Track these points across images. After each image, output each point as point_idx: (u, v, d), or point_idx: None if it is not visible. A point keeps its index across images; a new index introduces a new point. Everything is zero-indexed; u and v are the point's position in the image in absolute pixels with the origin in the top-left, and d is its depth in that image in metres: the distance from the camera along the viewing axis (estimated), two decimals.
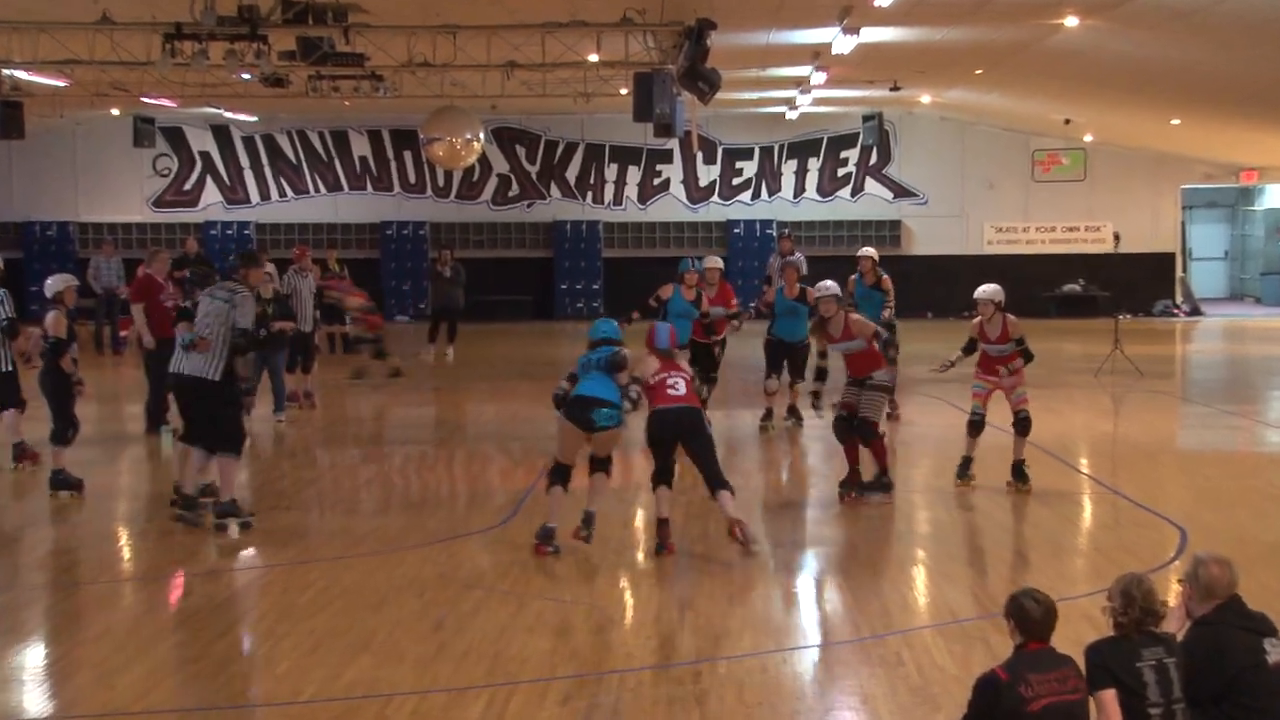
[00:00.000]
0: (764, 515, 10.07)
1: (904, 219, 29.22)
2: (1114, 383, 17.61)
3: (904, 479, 11.17)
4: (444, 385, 18.74)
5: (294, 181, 29.61)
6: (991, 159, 29.11)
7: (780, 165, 29.43)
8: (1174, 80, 19.07)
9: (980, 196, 29.14)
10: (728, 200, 29.48)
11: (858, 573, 8.24)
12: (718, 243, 29.15)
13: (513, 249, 29.44)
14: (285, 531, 9.47)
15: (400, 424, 14.68)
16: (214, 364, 9.29)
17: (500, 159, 29.37)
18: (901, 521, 9.77)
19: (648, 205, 29.55)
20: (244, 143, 29.54)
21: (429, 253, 28.40)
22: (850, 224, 29.15)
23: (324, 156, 29.60)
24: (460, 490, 11.20)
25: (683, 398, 8.92)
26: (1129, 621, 4.76)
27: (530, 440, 13.25)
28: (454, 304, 21.39)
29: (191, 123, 29.06)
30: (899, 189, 29.29)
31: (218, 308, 9.36)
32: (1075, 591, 7.52)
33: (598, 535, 8.97)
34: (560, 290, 29.17)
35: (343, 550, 8.85)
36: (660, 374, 9.07)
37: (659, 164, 29.45)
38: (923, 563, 8.57)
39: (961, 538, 9.20)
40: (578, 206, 29.54)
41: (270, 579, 8.25)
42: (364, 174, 29.62)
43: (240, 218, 29.43)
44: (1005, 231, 29.23)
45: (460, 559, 8.61)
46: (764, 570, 8.29)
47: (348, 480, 11.45)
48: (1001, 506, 10.11)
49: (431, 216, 29.41)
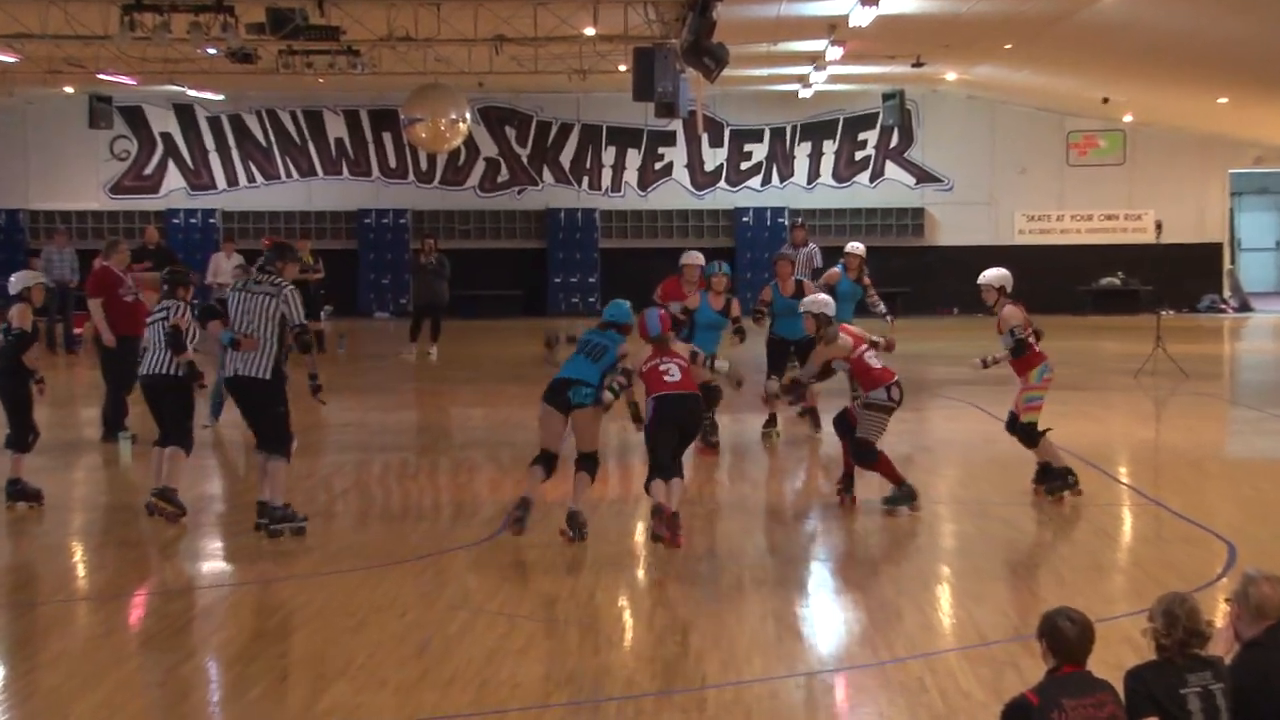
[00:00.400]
0: (774, 527, 10.08)
1: (927, 207, 29.24)
2: (1156, 385, 17.62)
3: (927, 488, 11.19)
4: (427, 387, 18.75)
5: (263, 166, 29.64)
6: (1022, 141, 29.13)
7: (793, 148, 29.46)
8: (1222, 55, 19.08)
9: (1010, 182, 29.17)
10: (735, 186, 29.50)
11: (877, 590, 8.25)
12: (724, 233, 29.19)
13: (502, 239, 29.46)
14: (254, 547, 9.48)
15: (380, 430, 14.70)
16: (263, 362, 9.56)
17: (488, 141, 29.39)
18: (925, 535, 9.78)
19: (648, 192, 29.57)
20: (209, 124, 29.56)
21: (410, 243, 28.43)
22: (869, 212, 29.17)
23: (296, 139, 29.62)
24: (445, 502, 11.21)
25: (679, 384, 9.32)
26: (1172, 644, 4.77)
27: (521, 448, 13.25)
28: (438, 299, 21.40)
29: (152, 102, 29.08)
30: (922, 174, 29.32)
31: (260, 303, 9.60)
32: (1114, 611, 7.54)
33: (594, 552, 8.98)
34: (553, 284, 29.19)
35: (317, 567, 8.86)
36: (652, 360, 9.44)
37: (661, 147, 29.47)
38: (948, 580, 8.58)
39: (990, 552, 9.21)
40: (572, 193, 29.56)
41: (238, 598, 8.26)
42: (340, 158, 29.65)
43: (205, 205, 29.45)
44: (1037, 220, 29.25)
45: (445, 576, 8.63)
46: (774, 588, 8.30)
47: (322, 491, 11.46)
48: (1034, 519, 10.13)
49: (413, 204, 29.43)
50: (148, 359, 10.34)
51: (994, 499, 10.84)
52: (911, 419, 13.93)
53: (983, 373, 11.27)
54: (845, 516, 10.25)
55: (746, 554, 9.16)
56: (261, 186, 29.62)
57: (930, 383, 17.26)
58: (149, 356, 10.34)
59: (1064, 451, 11.01)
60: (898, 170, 29.34)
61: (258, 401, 9.63)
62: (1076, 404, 16.07)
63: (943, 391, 16.72)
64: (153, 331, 10.39)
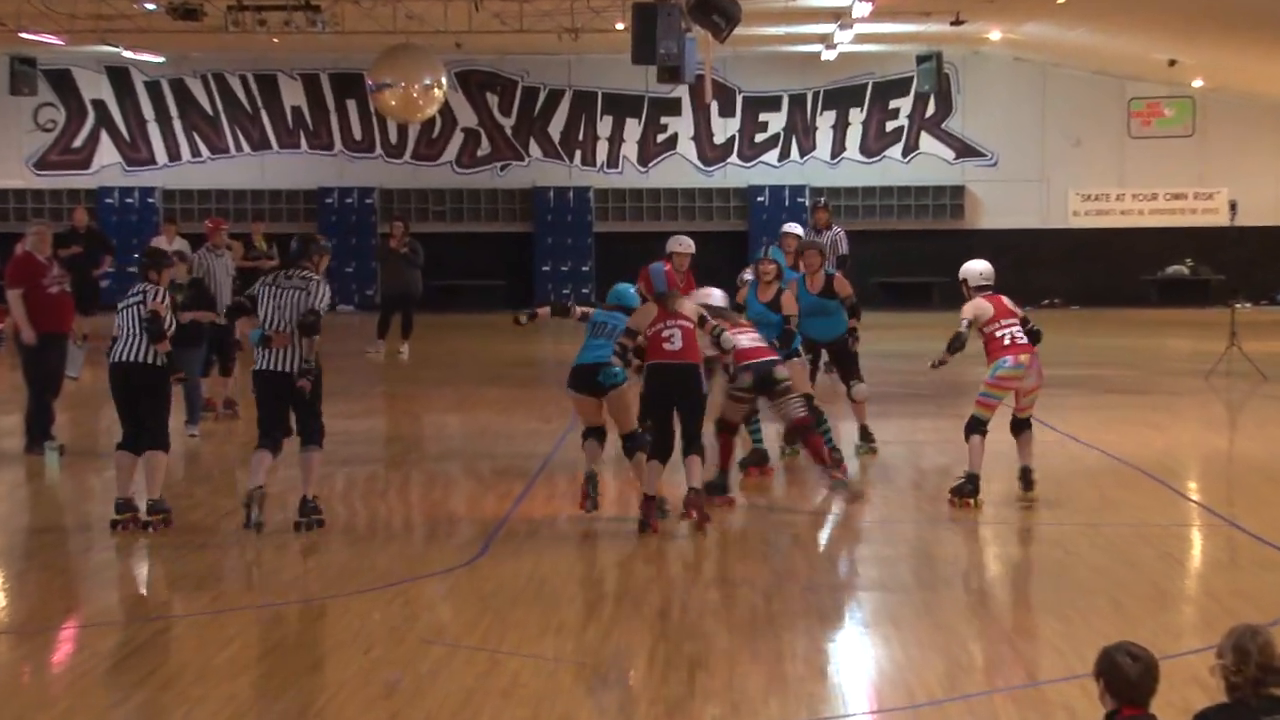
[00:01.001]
0: (793, 550, 10.09)
1: (968, 184, 29.26)
2: (1229, 387, 17.63)
3: (967, 506, 11.19)
4: (397, 391, 18.75)
5: (210, 138, 29.66)
6: (1077, 110, 29.15)
7: (815, 118, 29.48)
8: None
9: (1063, 157, 29.20)
10: (749, 162, 29.52)
11: (911, 622, 8.25)
12: (736, 214, 29.23)
13: (482, 222, 29.48)
14: (199, 573, 9.49)
15: (343, 439, 14.69)
16: (297, 357, 10.31)
17: (467, 110, 29.41)
18: (965, 560, 9.79)
19: (650, 168, 29.59)
20: (148, 89, 29.58)
21: (378, 227, 28.44)
22: (902, 190, 29.20)
23: (247, 107, 29.64)
24: (417, 521, 11.22)
25: (679, 353, 10.11)
26: (1245, 682, 4.77)
27: (504, 459, 13.27)
28: (409, 290, 21.42)
29: (82, 64, 29.09)
30: (963, 147, 29.34)
31: (291, 298, 10.32)
32: (1181, 646, 7.55)
33: (588, 577, 8.99)
34: (541, 273, 29.22)
35: (271, 596, 8.86)
36: (656, 325, 10.18)
37: (664, 117, 29.49)
38: (991, 611, 8.58)
39: (1039, 580, 9.22)
40: (563, 169, 29.58)
41: (181, 632, 8.26)
42: (297, 129, 29.67)
43: (143, 182, 29.47)
44: (1094, 200, 29.28)
45: (417, 607, 8.63)
46: (794, 619, 8.31)
47: (277, 509, 11.46)
48: (1091, 541, 10.14)
49: (381, 182, 29.45)
50: (118, 346, 10.56)
51: (1044, 519, 10.85)
52: (950, 428, 13.93)
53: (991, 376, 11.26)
54: (874, 540, 10.26)
55: (763, 581, 9.16)
56: (207, 161, 29.64)
57: (971, 386, 17.24)
58: (120, 343, 10.55)
59: (1125, 465, 11.00)
60: (934, 143, 29.37)
61: (299, 395, 10.35)
62: (1139, 410, 16.08)
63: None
64: (125, 317, 10.60)
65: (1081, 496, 11.29)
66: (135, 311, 10.55)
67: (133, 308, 10.55)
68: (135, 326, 10.53)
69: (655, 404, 10.34)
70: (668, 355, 10.17)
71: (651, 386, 10.31)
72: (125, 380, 10.56)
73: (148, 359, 10.48)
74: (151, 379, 10.51)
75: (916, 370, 19.31)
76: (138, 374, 10.51)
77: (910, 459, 13.50)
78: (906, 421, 15.37)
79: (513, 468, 12.61)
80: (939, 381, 17.94)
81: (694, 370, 10.21)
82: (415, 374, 19.94)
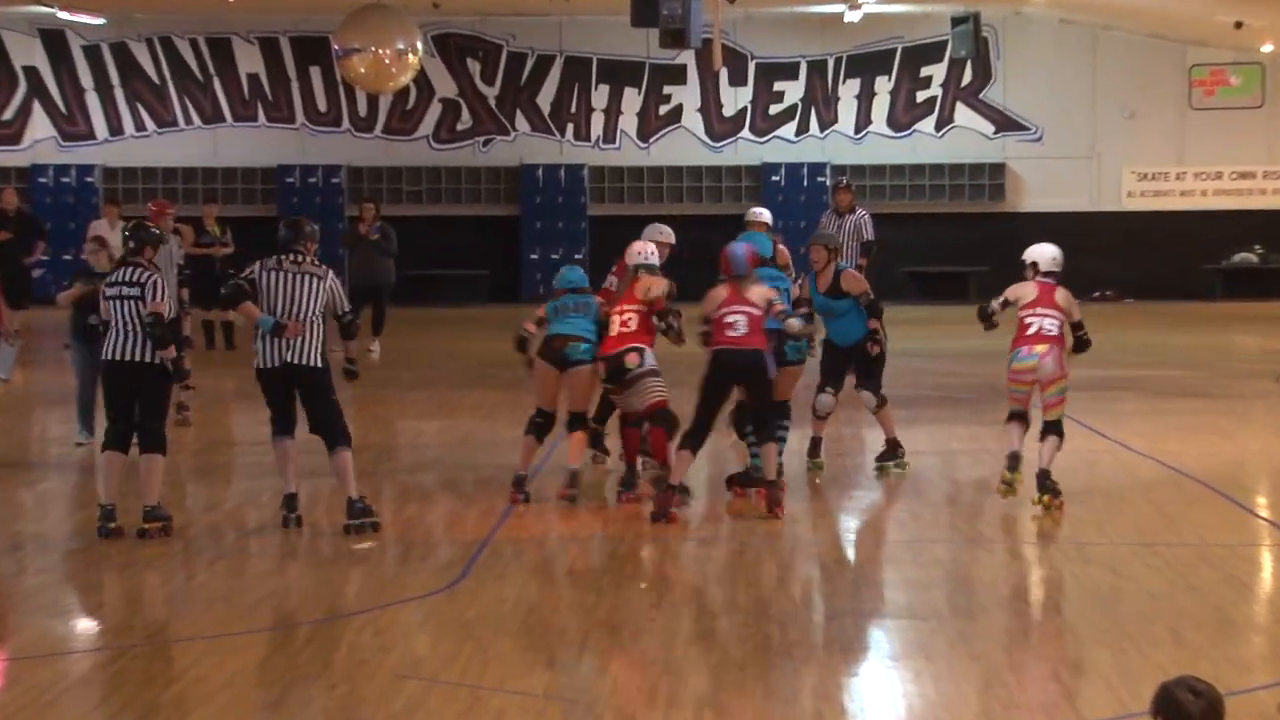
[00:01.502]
0: (813, 573, 10.11)
1: (1010, 162, 29.28)
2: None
3: (1009, 523, 11.19)
4: (367, 393, 18.73)
5: (156, 109, 29.66)
6: (1132, 78, 29.16)
7: (837, 88, 29.50)
8: None
9: (1117, 130, 29.21)
10: (763, 136, 29.53)
11: (945, 654, 8.25)
12: (749, 194, 29.21)
13: (463, 204, 29.48)
14: (145, 598, 9.49)
15: (306, 448, 14.66)
16: (314, 348, 10.91)
17: (445, 78, 29.41)
18: (1006, 584, 9.79)
19: (651, 143, 29.60)
20: (86, 55, 29.57)
21: (346, 210, 28.44)
22: (934, 169, 29.22)
23: (198, 75, 29.64)
24: (390, 540, 11.21)
25: (743, 338, 11.07)
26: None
27: (487, 471, 13.27)
28: (380, 280, 21.43)
29: (12, 26, 29.09)
30: (1003, 120, 29.35)
31: (305, 284, 10.92)
32: (1249, 682, 7.55)
33: (582, 604, 9.00)
34: (529, 261, 29.24)
35: (224, 625, 8.86)
36: (723, 309, 11.14)
37: (667, 86, 29.50)
38: (1036, 641, 8.58)
39: (1090, 606, 9.21)
40: (553, 145, 29.59)
41: (123, 665, 8.25)
42: (254, 99, 29.68)
43: (81, 160, 29.48)
44: (1151, 179, 29.30)
45: (390, 637, 8.62)
46: (813, 651, 8.31)
47: (231, 527, 11.46)
48: (1147, 563, 10.14)
49: (349, 159, 29.45)
50: (115, 342, 10.71)
51: (1094, 537, 10.85)
52: (988, 435, 13.91)
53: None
54: (902, 562, 10.26)
55: (778, 608, 9.17)
56: (153, 136, 29.64)
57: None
58: (116, 339, 10.70)
59: (1186, 477, 11.00)
60: (971, 115, 29.38)
61: (312, 390, 10.98)
62: (1202, 416, 16.08)
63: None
64: (119, 309, 10.70)
65: (1136, 512, 11.29)
66: (133, 306, 10.69)
67: (129, 301, 10.66)
68: (133, 320, 10.68)
69: (709, 390, 11.25)
70: (730, 341, 11.11)
71: (711, 372, 11.22)
72: (123, 380, 10.77)
73: (150, 358, 10.73)
74: (154, 379, 10.78)
75: (950, 372, 19.34)
76: (138, 374, 10.73)
77: (943, 470, 13.50)
78: (939, 429, 15.36)
79: (497, 481, 12.60)
80: (975, 384, 17.95)
81: (759, 356, 11.10)
82: (387, 375, 19.93)
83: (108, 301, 10.82)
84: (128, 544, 10.74)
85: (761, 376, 11.20)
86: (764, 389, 11.27)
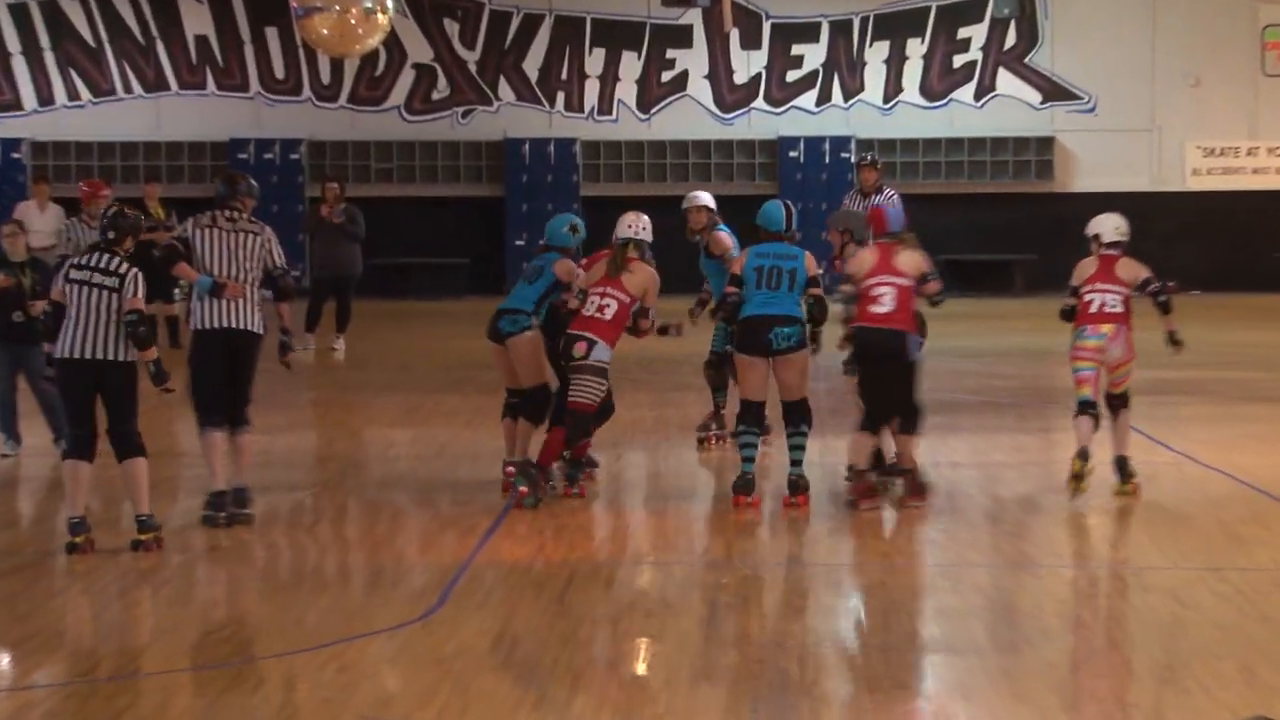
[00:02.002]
0: (834, 600, 10.12)
1: (1059, 135, 29.28)
2: None
3: (1057, 544, 11.18)
4: (330, 399, 18.74)
5: (92, 76, 29.65)
6: (1198, 40, 29.16)
7: (863, 51, 29.48)
8: None
9: (1180, 100, 29.21)
10: (780, 107, 29.53)
11: (985, 693, 8.24)
12: (763, 173, 29.24)
13: (440, 183, 29.48)
14: (77, 630, 9.45)
15: (263, 460, 14.67)
16: (255, 312, 11.45)
17: (419, 40, 29.41)
18: (1053, 613, 9.77)
19: (652, 115, 29.59)
20: (11, 14, 29.58)
21: (306, 189, 28.43)
22: (974, 143, 29.21)
23: (139, 37, 29.64)
24: (357, 565, 11.21)
25: (887, 316, 11.44)
26: None
27: (467, 487, 13.26)
28: (345, 269, 21.42)
29: None
30: (1052, 88, 29.34)
31: (243, 242, 11.41)
32: None
33: (572, 637, 8.98)
34: (513, 248, 29.22)
35: (169, 660, 8.84)
36: (870, 278, 11.53)
37: (670, 49, 29.50)
38: (1090, 678, 8.55)
39: (1151, 638, 9.20)
40: (542, 116, 29.58)
41: (51, 707, 8.23)
42: (202, 64, 29.67)
43: (5, 133, 29.48)
44: (1219, 155, 29.30)
45: (357, 674, 8.60)
46: (836, 689, 8.31)
47: (178, 549, 11.44)
48: (1215, 590, 10.12)
49: (311, 132, 29.45)
50: (74, 336, 10.70)
51: (1155, 561, 10.85)
52: (1035, 445, 13.91)
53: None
54: (938, 589, 10.25)
55: (796, 640, 9.15)
56: (88, 106, 29.64)
57: (1063, 392, 17.22)
58: (75, 333, 10.69)
59: (1260, 493, 10.97)
60: (1016, 83, 29.37)
61: (248, 360, 11.54)
62: (1278, 424, 16.06)
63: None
64: (83, 296, 10.69)
65: (1202, 533, 11.26)
66: (105, 299, 10.70)
67: (102, 292, 10.68)
68: (104, 313, 10.70)
69: (863, 370, 11.90)
70: (873, 319, 11.53)
71: (859, 350, 11.85)
72: (85, 379, 10.82)
73: (118, 355, 10.80)
74: (123, 378, 10.88)
75: (992, 373, 19.32)
76: (103, 372, 10.78)
77: (985, 485, 13.48)
78: (980, 438, 15.34)
79: (478, 498, 12.60)
80: (1020, 387, 17.94)
81: (900, 338, 11.45)
82: (354, 377, 19.92)
83: (71, 286, 10.79)
84: (59, 567, 10.72)
85: (902, 360, 11.60)
86: (902, 374, 11.68)
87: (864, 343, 11.69)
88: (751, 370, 12.08)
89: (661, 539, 11.60)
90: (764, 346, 11.88)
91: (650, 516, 12.13)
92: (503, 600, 9.81)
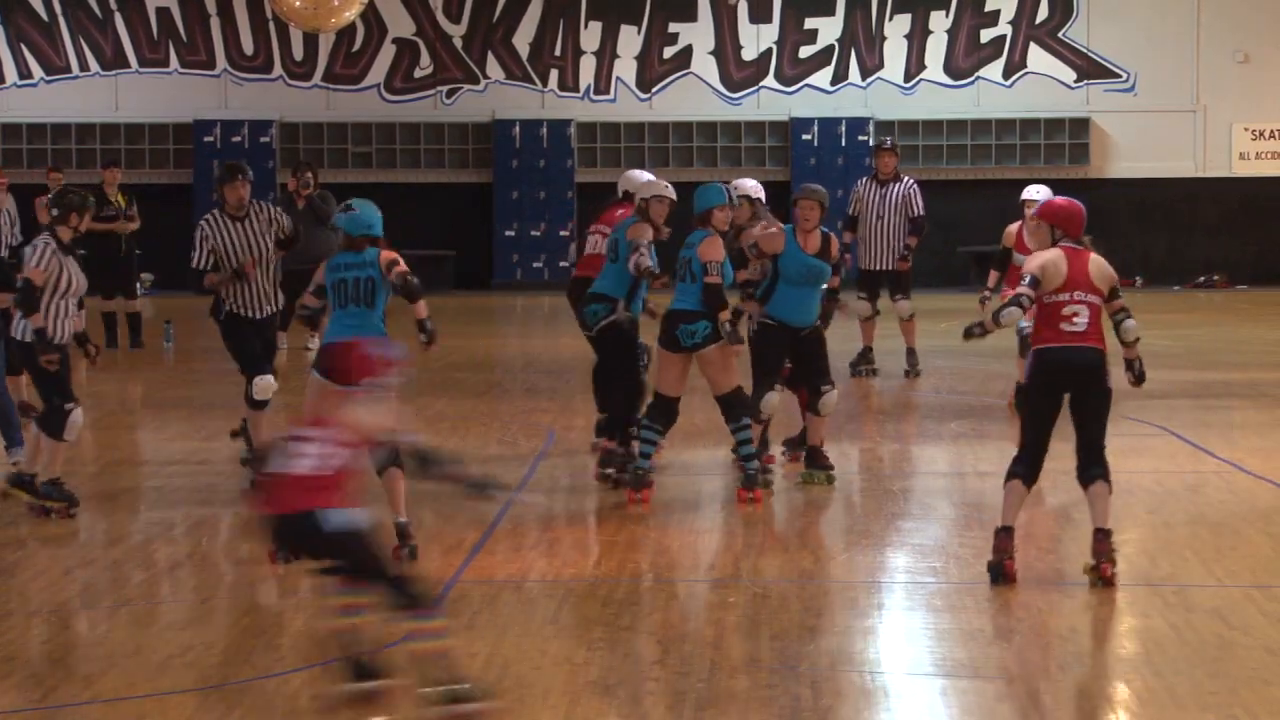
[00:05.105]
0: (850, 618, 10.11)
1: (1095, 116, 29.29)
2: None
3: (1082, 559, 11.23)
4: (303, 401, 18.72)
5: (44, 53, 29.68)
6: (1246, 12, 29.17)
7: (882, 25, 29.50)
8: None
9: (1226, 78, 29.22)
10: (792, 86, 29.54)
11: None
12: (774, 156, 29.26)
13: (423, 169, 29.50)
14: (30, 654, 9.48)
15: (231, 469, 14.71)
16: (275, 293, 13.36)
17: (400, 13, 29.41)
18: (1088, 635, 9.80)
19: (653, 94, 29.61)
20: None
21: (278, 175, 28.45)
22: (1002, 125, 29.22)
23: (96, 10, 29.65)
24: (334, 583, 11.20)
25: (1083, 334, 10.29)
26: None
27: (453, 498, 13.25)
28: (319, 260, 21.38)
29: None
30: (1088, 65, 29.37)
31: (250, 226, 12.96)
32: None
33: (568, 661, 9.01)
34: (503, 239, 29.24)
35: (130, 685, 8.86)
36: (1061, 293, 10.29)
37: (673, 23, 29.52)
38: (1127, 705, 8.59)
39: (1193, 662, 9.22)
40: (533, 96, 29.59)
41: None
42: (165, 40, 29.70)
43: None
44: (1269, 139, 29.33)
45: (334, 699, 8.63)
46: (852, 716, 8.33)
47: (139, 567, 11.46)
48: (1264, 610, 10.15)
49: (282, 113, 29.46)
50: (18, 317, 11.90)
51: (1200, 579, 10.86)
52: (1068, 453, 13.91)
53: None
54: (960, 608, 10.26)
55: (809, 663, 9.17)
56: (41, 85, 29.67)
57: None
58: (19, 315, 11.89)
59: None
60: (1048, 59, 29.40)
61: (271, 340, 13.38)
62: None
63: (1124, 408, 16.70)
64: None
65: (1252, 548, 11.28)
66: None
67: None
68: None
69: (1046, 397, 10.54)
70: (1066, 338, 10.35)
71: (1039, 379, 10.53)
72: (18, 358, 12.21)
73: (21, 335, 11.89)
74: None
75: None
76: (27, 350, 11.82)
77: None
78: (1009, 445, 15.27)
79: (465, 511, 12.61)
80: None
81: (1101, 357, 10.35)
82: None
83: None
84: (16, 585, 10.74)
85: (1100, 387, 10.44)
86: (1103, 405, 10.52)
87: (1055, 369, 10.42)
88: (667, 365, 12.45)
89: (664, 554, 11.61)
90: (675, 343, 12.31)
91: (652, 530, 12.13)
92: (491, 622, 9.82)
